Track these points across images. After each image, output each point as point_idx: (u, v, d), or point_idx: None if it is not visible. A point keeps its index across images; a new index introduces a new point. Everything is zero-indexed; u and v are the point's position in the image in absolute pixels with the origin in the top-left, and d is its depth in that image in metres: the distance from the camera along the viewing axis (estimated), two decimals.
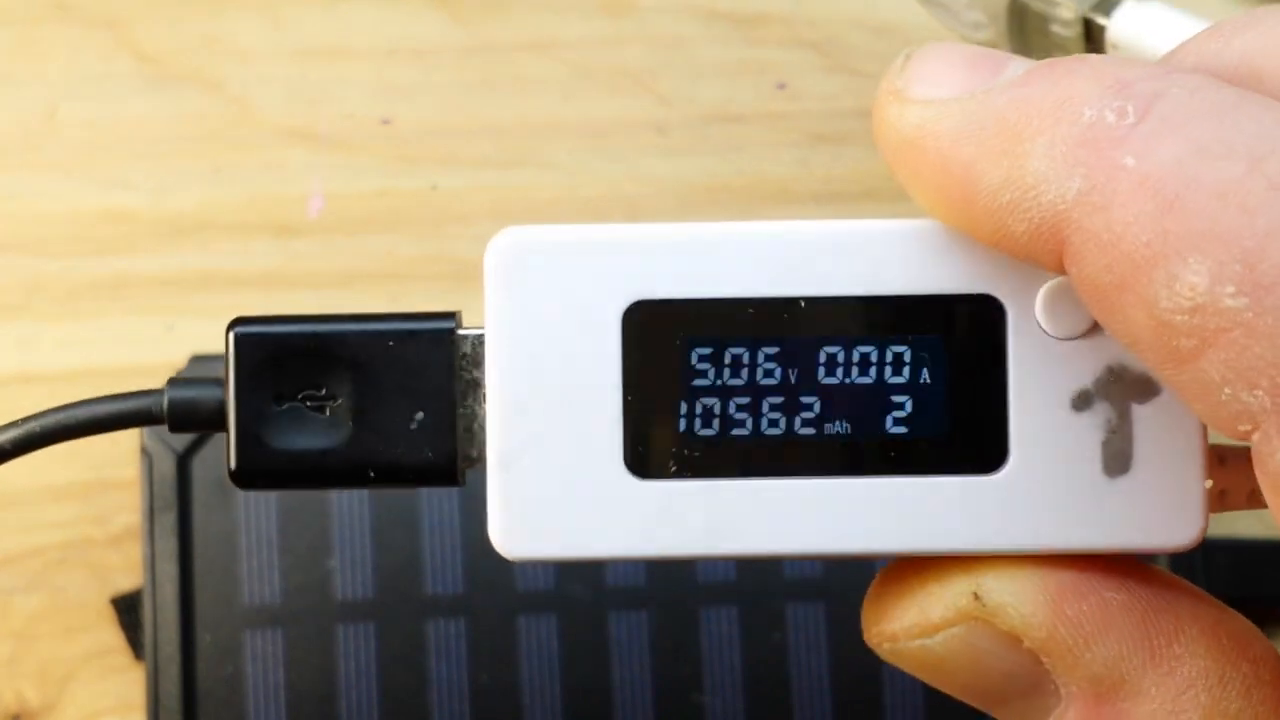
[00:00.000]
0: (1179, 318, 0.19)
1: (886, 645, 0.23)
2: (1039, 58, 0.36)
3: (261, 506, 0.37)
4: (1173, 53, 0.22)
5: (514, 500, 0.23)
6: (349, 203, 0.41)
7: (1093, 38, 0.36)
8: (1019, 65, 0.21)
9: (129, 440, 0.38)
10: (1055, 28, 0.36)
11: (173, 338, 0.40)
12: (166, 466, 0.37)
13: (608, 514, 0.22)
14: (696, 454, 0.23)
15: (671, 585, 0.37)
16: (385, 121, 0.42)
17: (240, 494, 0.37)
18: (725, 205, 0.41)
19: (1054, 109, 0.20)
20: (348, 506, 0.37)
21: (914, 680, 0.23)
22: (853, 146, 0.42)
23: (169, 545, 0.37)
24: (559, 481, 0.22)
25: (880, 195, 0.42)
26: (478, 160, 0.41)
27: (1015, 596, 0.22)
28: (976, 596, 0.22)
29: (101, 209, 0.41)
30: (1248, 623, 0.22)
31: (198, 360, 0.37)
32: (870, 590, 0.23)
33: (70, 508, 0.39)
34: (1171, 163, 0.19)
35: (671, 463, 0.23)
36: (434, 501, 0.37)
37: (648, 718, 0.37)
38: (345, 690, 0.37)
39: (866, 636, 0.23)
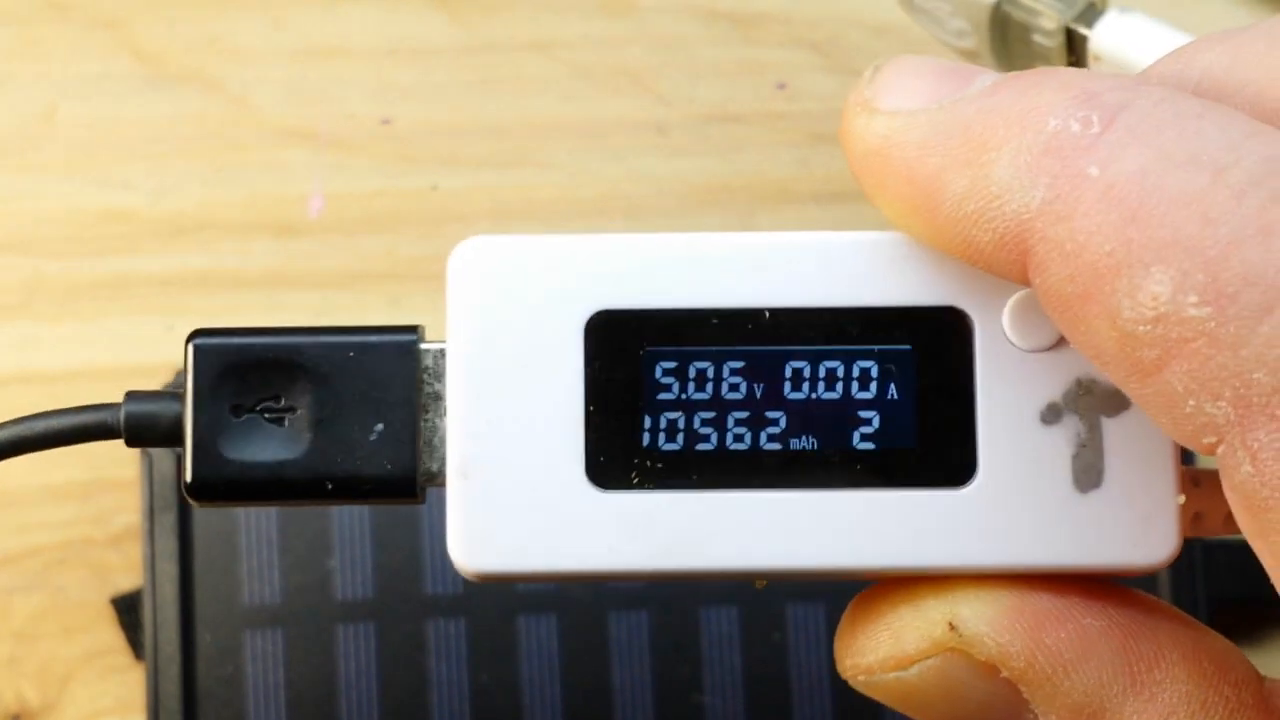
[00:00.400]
0: (1142, 328, 0.19)
1: (861, 678, 0.22)
2: (1021, 67, 0.37)
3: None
4: (1140, 74, 0.22)
5: (473, 513, 0.22)
6: (349, 203, 0.41)
7: (1075, 48, 0.36)
8: (987, 77, 0.21)
9: None
10: (1038, 38, 0.36)
11: (173, 338, 0.40)
12: (166, 466, 0.37)
13: (569, 527, 0.22)
14: (659, 465, 0.22)
15: (672, 585, 0.37)
16: (385, 121, 0.42)
17: None
18: (725, 205, 0.41)
19: (1019, 118, 0.20)
20: (348, 507, 0.37)
21: None
22: None
23: (169, 545, 0.37)
24: (520, 494, 0.22)
25: None
26: (478, 160, 0.41)
27: (992, 625, 0.21)
28: (952, 626, 0.22)
29: (101, 209, 0.41)
30: (1229, 644, 0.22)
31: None
32: (842, 622, 0.23)
33: (70, 508, 0.39)
34: (1135, 172, 0.19)
35: (634, 474, 0.22)
36: (434, 502, 0.37)
37: (648, 718, 0.37)
38: (345, 690, 0.37)
39: (840, 669, 0.23)
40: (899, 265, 0.22)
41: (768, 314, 0.22)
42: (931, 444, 0.22)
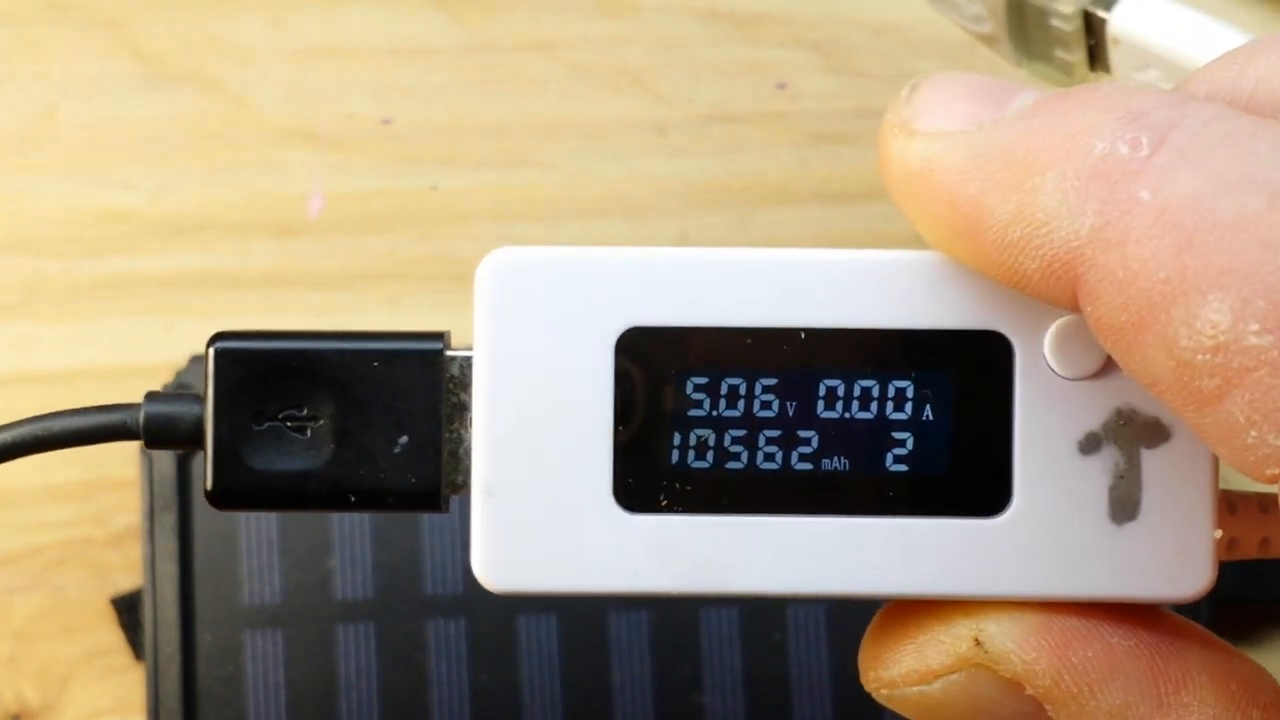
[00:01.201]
0: (1200, 357, 0.18)
1: (884, 691, 0.22)
2: (1039, 52, 0.37)
3: None
4: (1187, 80, 0.22)
5: (498, 531, 0.22)
6: (349, 203, 0.41)
7: (1093, 31, 0.36)
8: (1028, 96, 0.20)
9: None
10: (1055, 22, 0.36)
11: (173, 338, 0.40)
12: (166, 466, 0.37)
13: (594, 548, 0.22)
14: (688, 488, 0.22)
15: None
16: (385, 121, 0.42)
17: None
18: (725, 205, 0.41)
19: (1064, 141, 0.19)
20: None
21: None
22: (853, 146, 0.42)
23: (169, 545, 0.37)
24: (545, 513, 0.22)
25: (880, 195, 0.41)
26: (478, 160, 0.41)
27: (1018, 643, 0.21)
28: (978, 642, 0.21)
29: (101, 209, 0.41)
30: (1257, 666, 0.22)
31: (198, 360, 0.37)
32: (868, 633, 0.23)
33: (70, 508, 0.39)
34: (1188, 196, 0.18)
35: (662, 496, 0.22)
36: None
37: (648, 718, 0.37)
38: (345, 690, 0.37)
39: (864, 680, 0.23)
40: (939, 287, 0.22)
41: (803, 334, 0.22)
42: (966, 471, 0.22)
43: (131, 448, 0.38)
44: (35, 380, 0.40)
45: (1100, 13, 0.35)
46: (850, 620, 0.37)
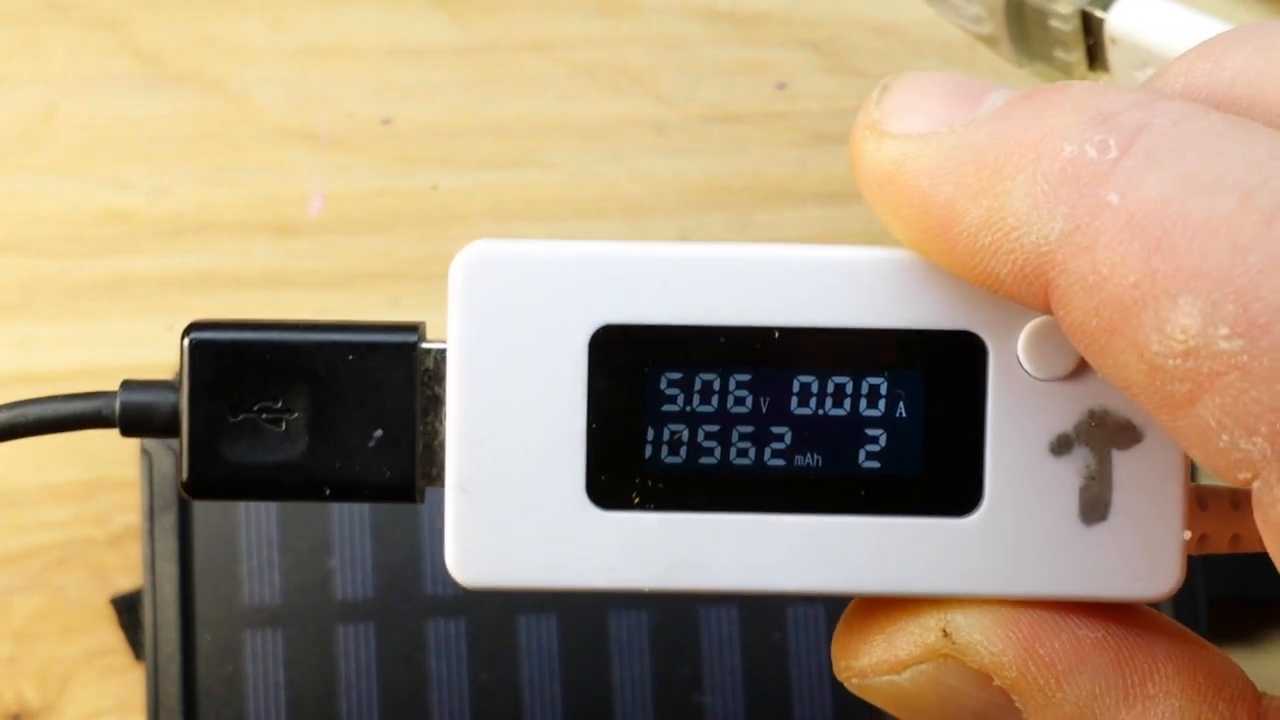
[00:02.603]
0: (1171, 362, 0.18)
1: (855, 681, 0.22)
2: (1039, 52, 0.37)
3: (262, 506, 0.37)
4: (1162, 73, 0.22)
5: (471, 527, 0.22)
6: (349, 203, 0.41)
7: (1091, 31, 0.36)
8: (999, 96, 0.20)
9: (129, 440, 0.38)
10: (1054, 22, 0.36)
11: (173, 338, 0.40)
12: (166, 466, 0.37)
13: (567, 545, 0.22)
14: (661, 486, 0.22)
15: None
16: (385, 121, 0.42)
17: None
18: (725, 205, 0.41)
19: (1034, 144, 0.19)
20: (348, 506, 0.37)
21: None
22: None
23: (169, 545, 0.37)
24: (518, 509, 0.22)
25: None
26: (478, 160, 0.41)
27: (985, 634, 0.21)
28: (946, 633, 0.21)
29: (101, 209, 0.41)
30: (1228, 660, 0.22)
31: None
32: (840, 624, 0.23)
33: (70, 507, 0.39)
34: (1157, 198, 0.18)
35: (635, 494, 0.22)
36: (435, 501, 0.37)
37: (648, 718, 0.37)
38: (345, 690, 0.37)
39: (835, 670, 0.23)
40: (913, 287, 0.21)
41: (777, 333, 0.22)
42: (938, 471, 0.22)
43: (131, 447, 0.38)
44: (35, 380, 0.40)
45: (1098, 13, 0.35)
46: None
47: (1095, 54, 0.36)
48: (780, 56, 0.42)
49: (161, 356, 0.39)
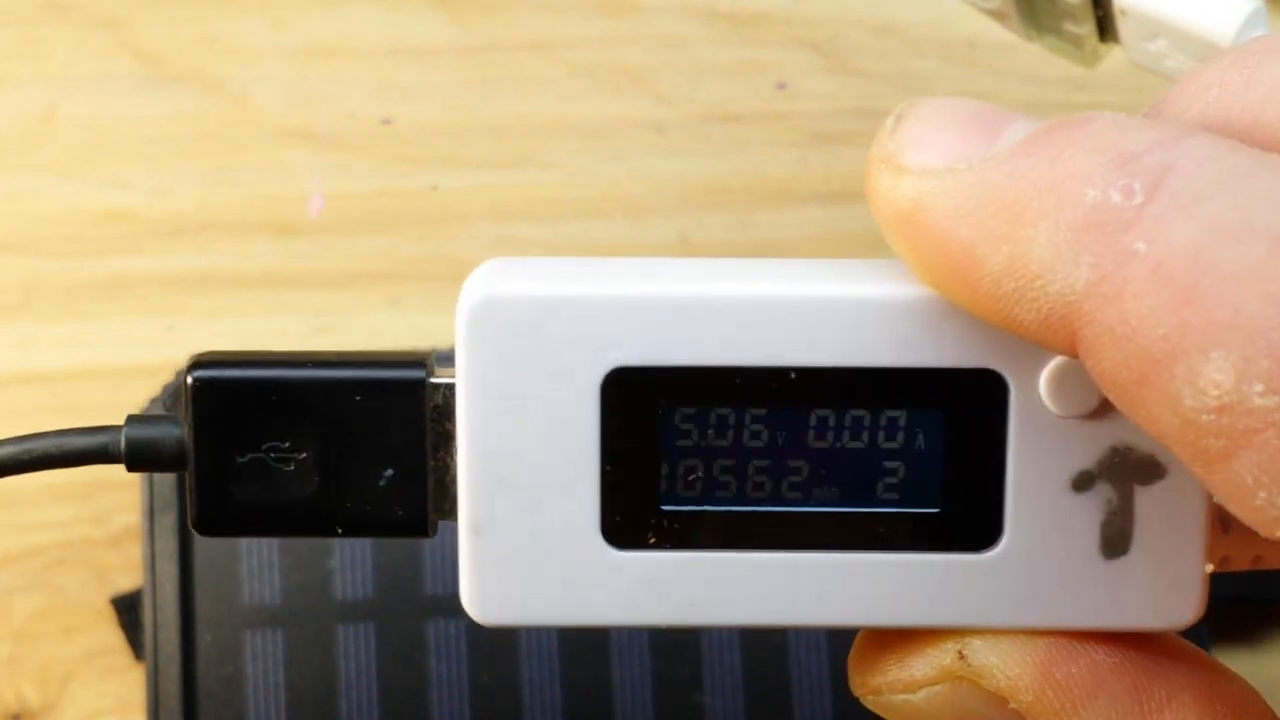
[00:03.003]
0: (1205, 417, 0.17)
1: (870, 697, 0.22)
2: (1048, 26, 0.36)
3: None
4: (1191, 82, 0.21)
5: (486, 568, 0.22)
6: (349, 203, 0.41)
7: (1100, 2, 0.35)
8: (1017, 129, 0.19)
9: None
10: None
11: (173, 338, 0.40)
12: None
13: (583, 585, 0.21)
14: (676, 525, 0.21)
15: None
16: (385, 121, 0.42)
17: None
18: (725, 205, 0.41)
19: (1055, 188, 0.18)
20: None
21: None
22: (853, 146, 0.42)
23: (169, 545, 0.37)
24: (533, 550, 0.21)
25: None
26: (478, 160, 0.41)
27: (1001, 657, 0.21)
28: (962, 655, 0.21)
29: (101, 209, 0.41)
30: (1246, 685, 0.21)
31: None
32: (857, 640, 0.23)
33: (70, 508, 0.39)
34: (1185, 247, 0.17)
35: (650, 535, 0.21)
36: None
37: (648, 718, 0.37)
38: (345, 690, 0.37)
39: (851, 684, 0.22)
40: (933, 325, 0.21)
41: (793, 374, 0.21)
42: (957, 508, 0.21)
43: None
44: (35, 380, 0.40)
45: None
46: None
47: (1105, 26, 0.35)
48: (780, 56, 0.42)
49: (161, 356, 0.39)
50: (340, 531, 0.22)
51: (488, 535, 0.21)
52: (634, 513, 0.21)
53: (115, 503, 0.39)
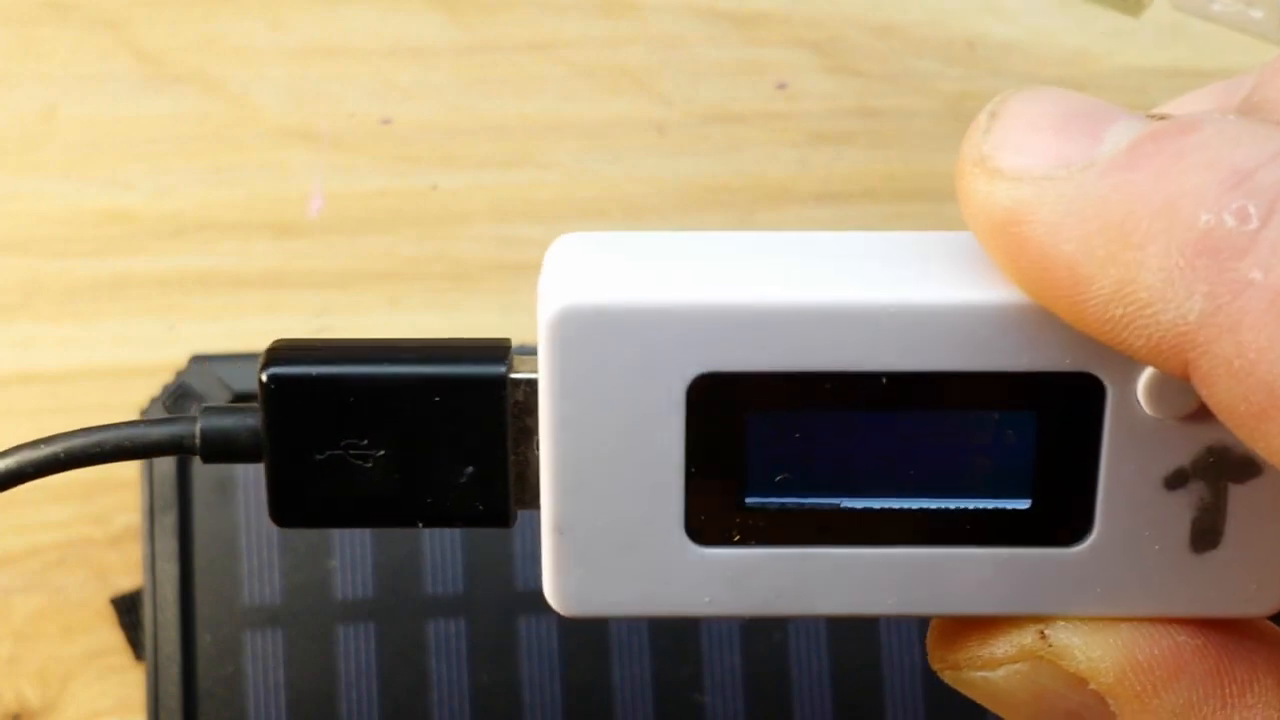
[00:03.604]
0: None
1: (949, 672, 0.22)
2: None
3: (261, 506, 0.37)
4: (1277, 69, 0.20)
5: (570, 566, 0.21)
6: (349, 203, 0.41)
7: None
8: (1119, 132, 0.19)
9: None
10: None
11: (173, 338, 0.40)
12: (166, 466, 0.37)
13: (666, 578, 0.21)
14: (762, 524, 0.21)
15: None
16: (385, 121, 0.42)
17: (240, 494, 0.37)
18: (725, 205, 0.41)
19: (1165, 209, 0.18)
20: None
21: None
22: (853, 146, 0.42)
23: (169, 545, 0.37)
24: (616, 550, 0.21)
25: (880, 195, 0.42)
26: (478, 160, 0.41)
27: (1083, 639, 0.21)
28: (1043, 635, 0.21)
29: (101, 209, 0.41)
30: None
31: (198, 360, 0.37)
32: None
33: (70, 508, 0.39)
34: None
35: (735, 533, 0.21)
36: None
37: (648, 718, 0.37)
38: (345, 690, 0.37)
39: (930, 659, 0.22)
40: (1030, 330, 0.20)
41: (884, 379, 0.21)
42: (1049, 506, 0.21)
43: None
44: (35, 380, 0.40)
45: None
46: (850, 621, 0.37)
47: None
48: (780, 56, 0.42)
49: (162, 357, 0.39)
50: (422, 525, 0.22)
51: (570, 535, 0.21)
52: (718, 512, 0.21)
53: (115, 503, 0.39)
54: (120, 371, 0.40)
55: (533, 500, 0.22)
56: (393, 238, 0.41)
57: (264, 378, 0.22)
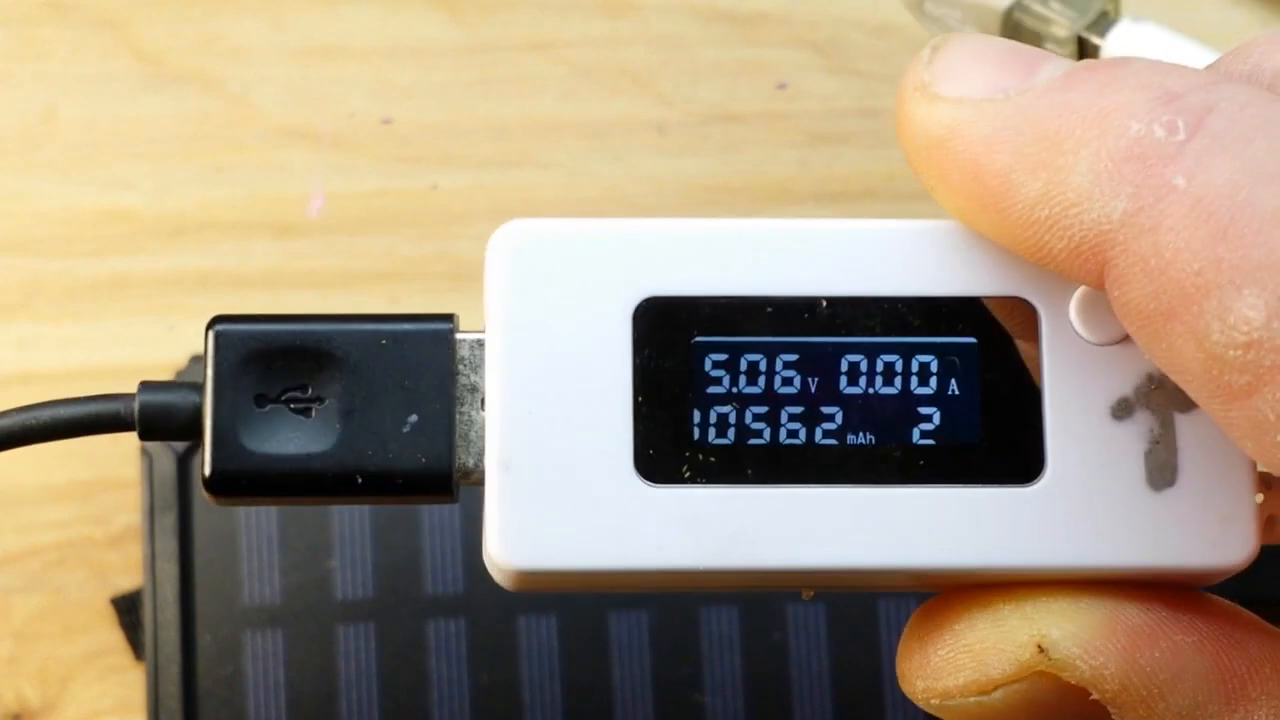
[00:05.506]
0: (1231, 353, 0.18)
1: (935, 701, 0.21)
2: None
3: (263, 507, 0.37)
4: (1211, 67, 0.21)
5: (514, 506, 0.21)
6: (349, 203, 0.41)
7: (1087, 56, 0.36)
8: (1056, 65, 0.20)
9: (129, 440, 0.38)
10: (1050, 45, 0.36)
11: (173, 338, 0.40)
12: (166, 466, 0.37)
13: (616, 522, 0.21)
14: (712, 460, 0.21)
15: None
16: (385, 121, 0.42)
17: None
18: (725, 205, 0.41)
19: (1097, 119, 0.19)
20: (348, 506, 0.37)
21: None
22: (853, 146, 0.42)
23: (169, 545, 0.37)
24: (563, 487, 0.21)
25: (880, 195, 0.42)
26: (478, 160, 0.41)
27: (1084, 647, 0.20)
28: (1041, 649, 0.21)
29: (101, 209, 0.41)
30: None
31: (198, 360, 0.37)
32: (907, 637, 0.22)
33: (70, 508, 0.39)
34: (1226, 185, 0.18)
35: (686, 468, 0.21)
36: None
37: (648, 718, 0.37)
38: (345, 690, 0.37)
39: (909, 690, 0.22)
40: (962, 254, 0.21)
41: (824, 303, 0.21)
42: (997, 439, 0.21)
43: (131, 447, 0.38)
44: (35, 380, 0.40)
45: (1095, 39, 0.35)
46: (850, 620, 0.37)
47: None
48: (780, 56, 0.42)
49: (161, 356, 0.39)
50: (360, 483, 0.21)
51: (516, 470, 0.21)
52: (668, 447, 0.21)
53: (115, 503, 0.39)
54: (120, 371, 0.40)
55: (477, 467, 0.21)
56: (392, 238, 0.41)
57: (211, 333, 0.22)
